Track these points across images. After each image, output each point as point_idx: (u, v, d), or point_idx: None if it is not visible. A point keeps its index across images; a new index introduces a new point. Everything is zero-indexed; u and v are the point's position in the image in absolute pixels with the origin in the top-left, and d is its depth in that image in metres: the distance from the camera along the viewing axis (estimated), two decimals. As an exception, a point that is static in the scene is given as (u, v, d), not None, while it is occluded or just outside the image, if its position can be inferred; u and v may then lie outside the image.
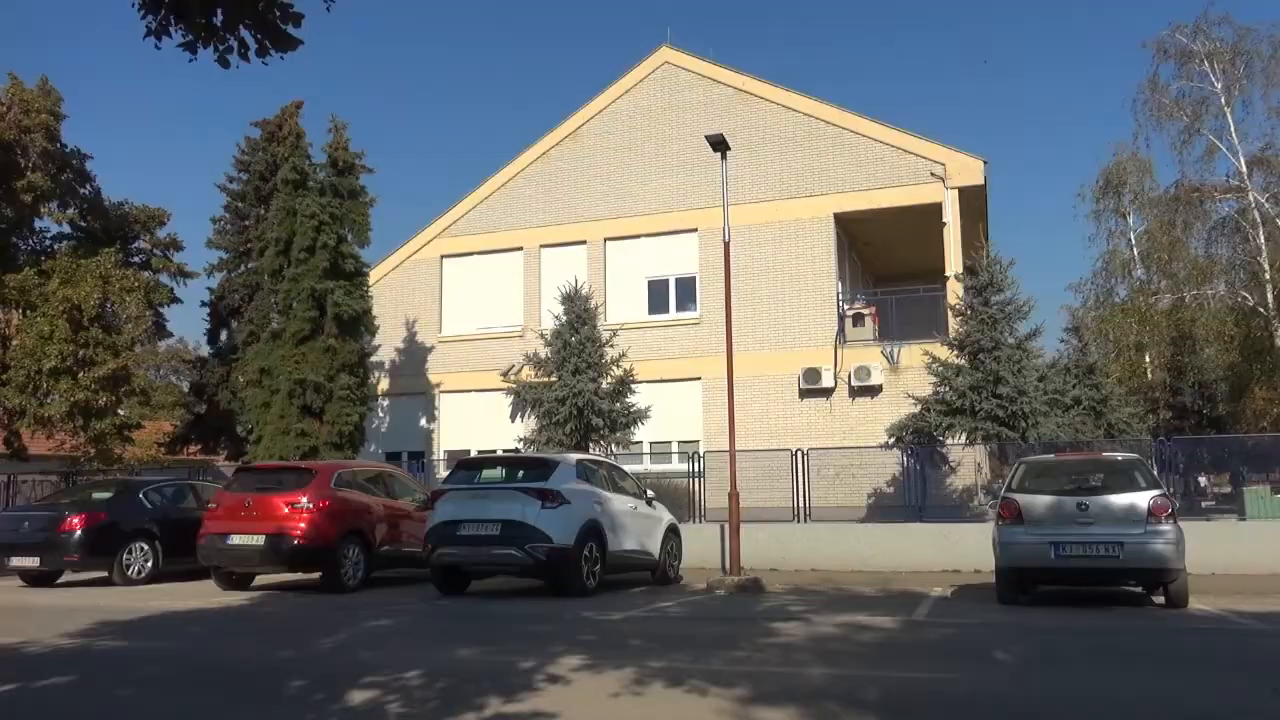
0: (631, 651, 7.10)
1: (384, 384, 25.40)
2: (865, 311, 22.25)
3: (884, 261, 26.80)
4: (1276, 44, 26.36)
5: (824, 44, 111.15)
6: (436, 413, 25.14)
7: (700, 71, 24.05)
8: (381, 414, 25.53)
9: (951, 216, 21.44)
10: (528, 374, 19.32)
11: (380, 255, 26.34)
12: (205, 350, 29.73)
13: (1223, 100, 26.52)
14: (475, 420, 23.88)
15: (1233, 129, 26.45)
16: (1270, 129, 26.76)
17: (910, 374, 20.06)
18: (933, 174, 21.59)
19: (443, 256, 25.85)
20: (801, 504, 16.96)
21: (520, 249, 24.89)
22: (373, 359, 23.34)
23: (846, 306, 22.52)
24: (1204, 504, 19.84)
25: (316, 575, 12.33)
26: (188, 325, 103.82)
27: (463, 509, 11.38)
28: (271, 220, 22.33)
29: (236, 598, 11.60)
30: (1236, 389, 29.54)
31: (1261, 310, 26.01)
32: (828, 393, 21.40)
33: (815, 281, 22.15)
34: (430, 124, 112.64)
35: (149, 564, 13.57)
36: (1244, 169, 26.29)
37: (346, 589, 11.93)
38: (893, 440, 17.48)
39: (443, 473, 19.18)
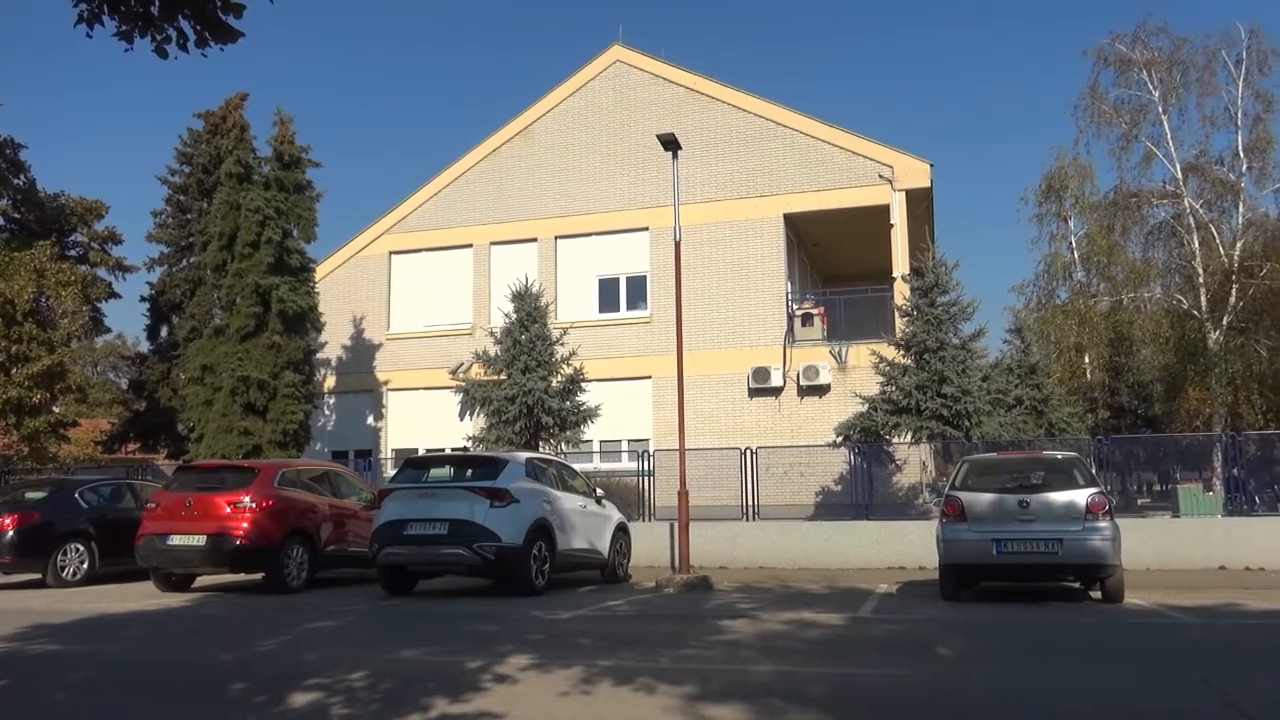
0: (580, 650, 7.08)
1: (330, 381, 25.06)
2: (814, 311, 22.48)
3: (833, 262, 27.09)
4: (1210, 54, 27.15)
5: (775, 46, 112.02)
6: (384, 411, 24.86)
7: (652, 71, 24.08)
8: (328, 412, 25.18)
9: (899, 218, 21.75)
10: (477, 372, 19.18)
11: (327, 251, 25.98)
12: (145, 346, 29.07)
13: (1160, 108, 27.24)
14: (423, 419, 23.66)
15: (1169, 136, 27.18)
16: (1204, 137, 27.57)
17: (858, 373, 20.30)
18: (880, 176, 21.87)
19: (391, 253, 25.58)
20: (750, 502, 17.06)
21: (470, 246, 24.71)
22: (319, 356, 22.99)
23: (796, 306, 22.73)
24: (1140, 501, 20.37)
25: (259, 576, 12.11)
26: (127, 321, 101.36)
27: (410, 508, 11.26)
28: (215, 214, 21.88)
29: (176, 599, 11.36)
30: (1171, 389, 30.41)
31: (1195, 313, 26.76)
32: (777, 392, 21.58)
33: (765, 281, 22.31)
34: (380, 120, 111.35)
35: (85, 565, 13.22)
36: (1179, 175, 27.02)
37: (290, 590, 11.74)
38: (840, 439, 17.67)
39: (390, 472, 18.96)
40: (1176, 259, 27.73)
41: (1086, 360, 30.55)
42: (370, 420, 24.93)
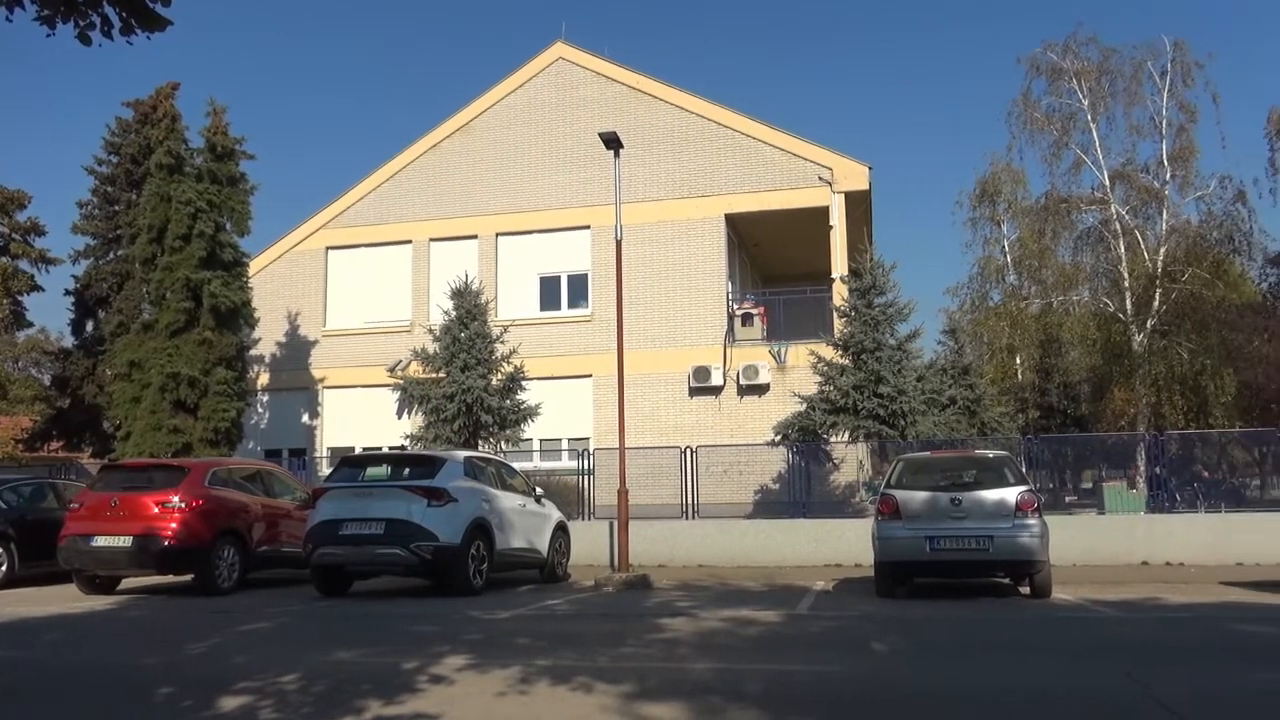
0: (518, 650, 7.04)
1: (264, 378, 24.56)
2: (754, 311, 22.67)
3: (773, 262, 27.35)
4: (1137, 65, 28.01)
5: (717, 47, 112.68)
6: (320, 409, 24.44)
7: (594, 69, 24.05)
8: (261, 410, 24.68)
9: (838, 220, 22.04)
10: (415, 370, 18.98)
11: (262, 245, 25.47)
12: (69, 341, 28.14)
13: (1089, 116, 28.01)
14: (360, 417, 23.34)
15: (1098, 144, 27.97)
16: (1131, 145, 28.43)
17: (797, 373, 20.52)
18: (820, 178, 22.14)
19: (328, 248, 25.15)
20: (690, 501, 17.15)
21: (409, 242, 24.41)
22: (252, 353, 22.53)
23: (736, 306, 22.90)
24: (1068, 499, 20.94)
25: (189, 578, 11.82)
26: (50, 315, 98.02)
27: (345, 507, 11.08)
28: (144, 206, 21.26)
29: (101, 602, 11.02)
30: (1098, 390, 31.31)
31: (1121, 316, 27.59)
32: (717, 391, 21.71)
33: (706, 281, 22.43)
34: (319, 114, 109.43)
35: (3, 567, 12.74)
36: (1107, 182, 27.83)
37: (221, 591, 11.48)
38: (779, 438, 17.85)
39: (326, 471, 18.67)
40: (1104, 263, 28.57)
41: (1018, 361, 31.32)
42: (305, 418, 24.49)
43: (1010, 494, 10.37)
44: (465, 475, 11.63)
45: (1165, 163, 27.55)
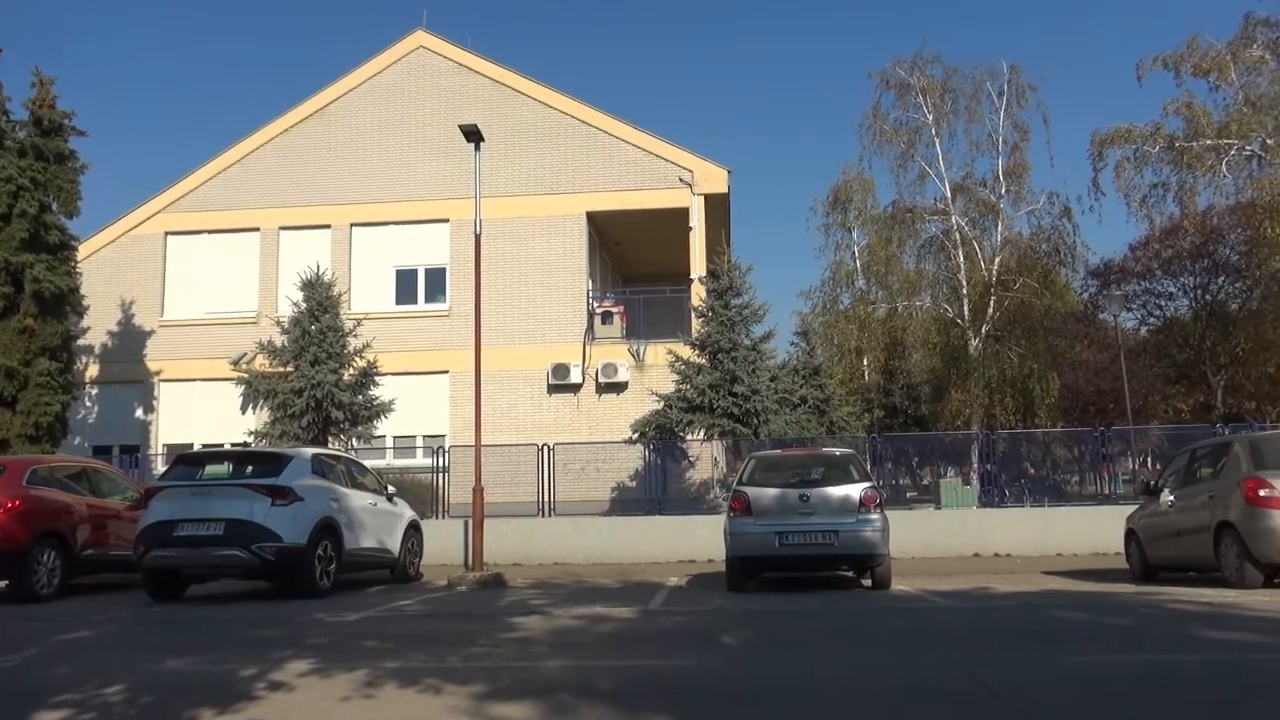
0: (365, 653, 6.84)
1: (94, 370, 23.04)
2: (614, 310, 22.81)
3: (634, 261, 27.59)
4: (977, 84, 29.73)
5: (580, 43, 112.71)
6: (155, 403, 23.10)
7: (456, 59, 23.66)
8: (89, 404, 23.13)
9: (697, 221, 22.43)
10: (261, 363, 18.21)
11: (93, 228, 23.87)
12: None
13: (934, 131, 29.54)
14: (200, 412, 22.21)
15: (941, 158, 29.52)
16: (970, 160, 30.16)
17: (655, 372, 20.77)
18: (681, 180, 22.47)
19: (167, 233, 23.81)
20: (546, 498, 17.12)
21: (257, 229, 23.38)
22: (80, 343, 21.09)
23: (596, 304, 22.98)
24: (908, 494, 21.98)
25: (3, 584, 10.96)
26: None
27: (181, 507, 10.53)
28: (-43, 181, 19.54)
29: (-103, 613, 10.07)
30: (937, 391, 33.02)
31: (959, 321, 29.19)
32: (576, 388, 21.73)
33: (566, 278, 22.42)
34: (164, 91, 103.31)
35: None
36: (949, 194, 29.40)
37: (40, 598, 10.70)
38: (636, 436, 18.03)
39: (161, 469, 17.67)
40: (944, 271, 30.17)
41: (865, 363, 32.67)
42: (139, 413, 23.09)
43: (855, 490, 10.79)
44: (312, 473, 11.24)
45: (1001, 178, 29.36)
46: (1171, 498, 11.37)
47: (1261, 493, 9.58)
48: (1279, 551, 9.54)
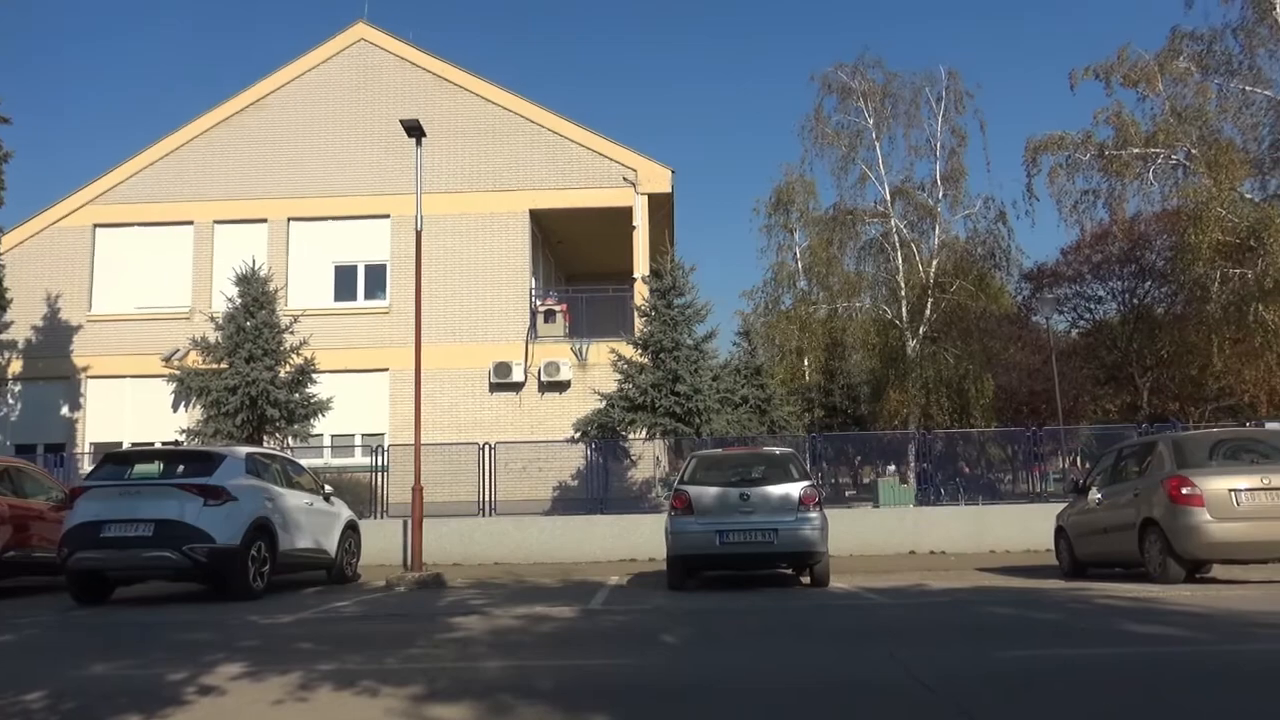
0: (300, 655, 6.71)
1: (16, 366, 22.29)
2: (557, 308, 22.75)
3: (577, 260, 27.52)
4: (916, 90, 30.27)
5: (524, 40, 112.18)
6: (82, 400, 22.41)
7: (398, 53, 23.37)
8: (12, 401, 22.39)
9: (640, 221, 22.45)
10: (194, 359, 17.81)
11: (16, 219, 23.03)
12: None
13: (874, 135, 29.98)
14: (130, 410, 21.62)
15: (881, 161, 29.98)
16: (909, 164, 30.70)
17: (598, 371, 20.75)
18: (625, 179, 22.48)
19: (96, 225, 23.12)
20: (487, 498, 17.02)
21: (190, 223, 22.82)
22: (3, 337, 20.39)
23: (539, 302, 22.89)
24: (847, 493, 22.28)
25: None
26: None
27: (109, 508, 10.23)
28: None
29: None
30: (876, 391, 33.52)
31: (897, 323, 29.67)
32: (518, 387, 21.62)
33: (509, 276, 22.28)
34: (93, 79, 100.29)
35: None
36: (888, 197, 29.86)
37: (-43, 602, 10.32)
38: (579, 435, 17.99)
39: (88, 468, 17.16)
40: (884, 273, 30.66)
41: (806, 363, 33.05)
42: (65, 410, 22.38)
43: (794, 489, 10.90)
44: (246, 472, 11.02)
45: (939, 182, 29.92)
46: (1099, 496, 11.68)
47: (1184, 491, 9.89)
48: (1200, 547, 9.87)
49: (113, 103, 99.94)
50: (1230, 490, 9.80)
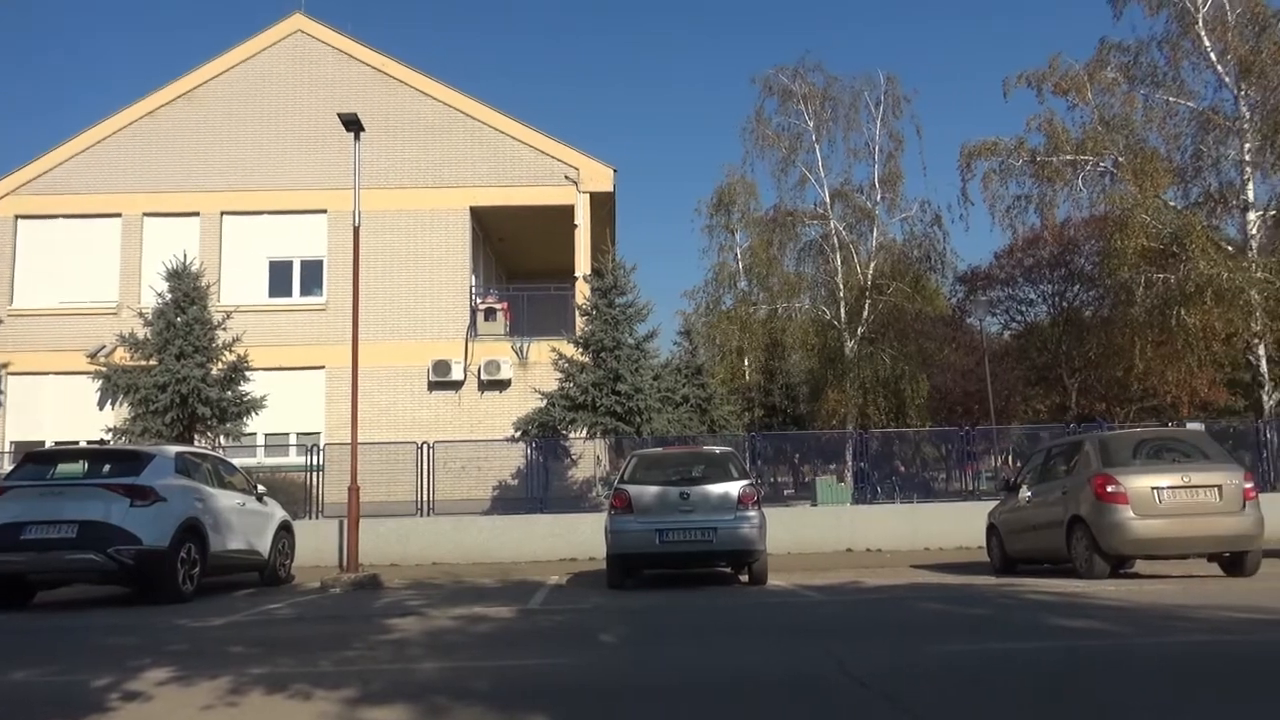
0: (230, 659, 6.57)
1: (-68, 362, 21.43)
2: (497, 306, 22.60)
3: (518, 258, 27.38)
4: (855, 94, 30.72)
5: (465, 37, 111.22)
6: (2, 398, 21.63)
7: (336, 45, 22.99)
8: (-73, 398, 21.50)
9: (582, 219, 22.41)
10: (122, 356, 17.32)
11: (-68, 209, 22.18)
12: None
13: (814, 137, 30.36)
14: (53, 407, 20.95)
15: (820, 164, 30.36)
16: (848, 167, 31.14)
17: (538, 369, 20.66)
18: (566, 177, 22.42)
19: (17, 216, 22.35)
20: (426, 497, 16.85)
21: (119, 215, 22.18)
22: (-83, 331, 19.59)
23: (479, 300, 22.72)
24: (785, 492, 22.52)
25: None
26: None
27: (30, 509, 9.90)
28: None
29: None
30: (815, 391, 33.96)
31: (835, 324, 30.08)
32: (457, 385, 21.43)
33: (449, 273, 22.07)
34: (16, 66, 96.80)
35: None
36: (828, 200, 30.25)
37: None
38: (519, 434, 17.91)
39: (8, 468, 16.58)
40: (823, 274, 31.06)
41: (746, 363, 33.33)
42: (-16, 408, 21.61)
43: (733, 488, 10.98)
44: (176, 472, 10.75)
45: (876, 185, 30.39)
46: (1029, 494, 11.98)
47: (1109, 489, 10.19)
48: (1124, 544, 10.18)
49: (35, 91, 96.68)
50: (1153, 488, 10.11)
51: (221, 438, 17.42)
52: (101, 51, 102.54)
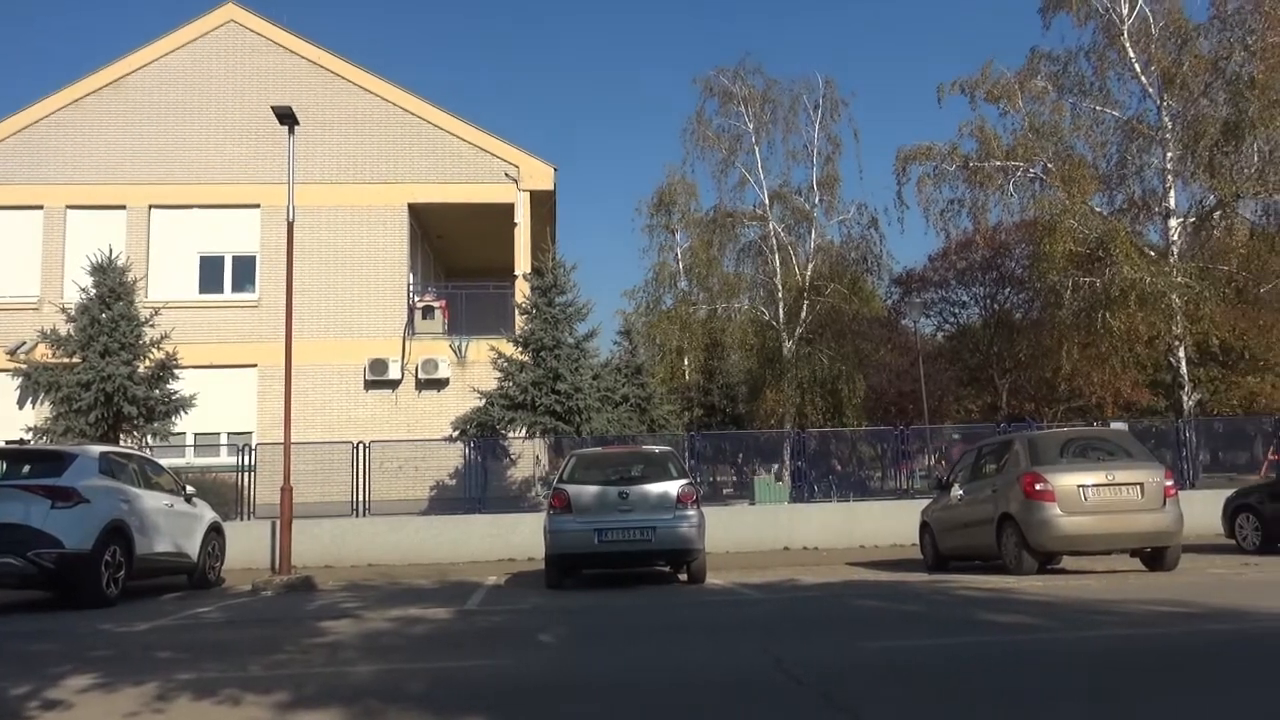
0: (157, 665, 6.40)
1: None
2: (436, 304, 22.34)
3: (457, 256, 27.12)
4: (794, 97, 31.05)
5: (403, 29, 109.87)
6: (-85, 395, 20.75)
7: (270, 37, 22.51)
8: None
9: (522, 218, 22.29)
10: (43, 353, 16.75)
11: None
12: None
13: (754, 139, 30.60)
14: (-30, 406, 20.11)
15: (760, 165, 30.61)
16: (787, 169, 31.43)
17: (477, 368, 20.49)
18: (507, 175, 22.26)
19: (-68, 207, 21.46)
20: (361, 498, 16.61)
21: (40, 207, 21.44)
22: None
23: (417, 298, 22.44)
24: (724, 491, 22.66)
25: None
26: None
27: (-56, 511, 9.52)
28: None
29: None
30: (754, 390, 34.26)
31: (774, 324, 30.37)
32: (394, 384, 21.15)
33: (386, 270, 21.77)
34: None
35: None
36: (767, 201, 30.53)
37: None
38: (457, 433, 17.75)
39: (-80, 468, 15.91)
40: (762, 275, 31.32)
41: (686, 362, 33.46)
42: (-105, 407, 20.70)
43: (672, 487, 11.02)
44: (100, 473, 10.43)
45: (815, 187, 30.76)
46: (960, 492, 12.23)
47: (1037, 486, 10.45)
48: (1052, 540, 10.45)
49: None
50: (1079, 486, 10.40)
51: (149, 437, 16.95)
52: (26, 38, 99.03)
